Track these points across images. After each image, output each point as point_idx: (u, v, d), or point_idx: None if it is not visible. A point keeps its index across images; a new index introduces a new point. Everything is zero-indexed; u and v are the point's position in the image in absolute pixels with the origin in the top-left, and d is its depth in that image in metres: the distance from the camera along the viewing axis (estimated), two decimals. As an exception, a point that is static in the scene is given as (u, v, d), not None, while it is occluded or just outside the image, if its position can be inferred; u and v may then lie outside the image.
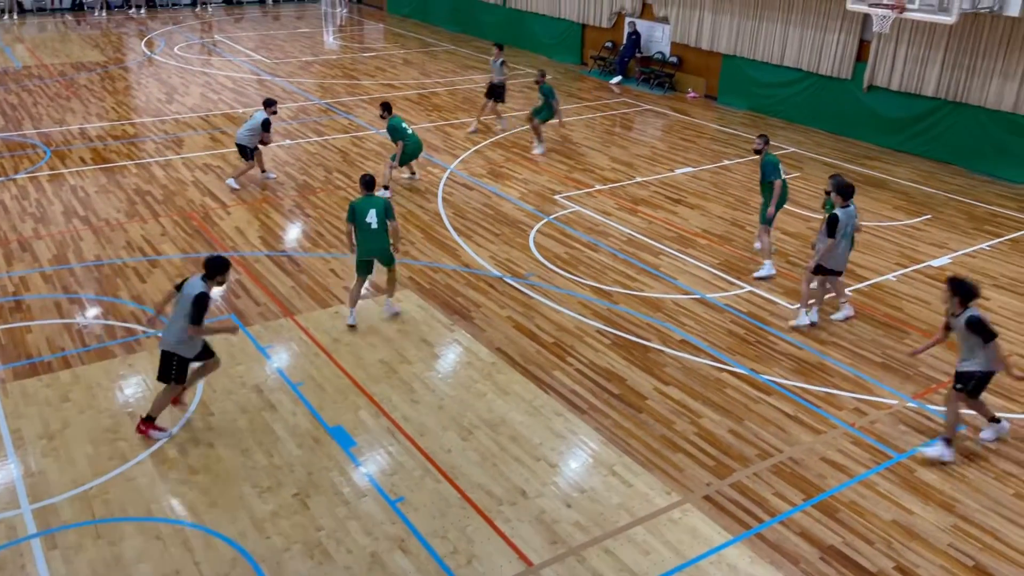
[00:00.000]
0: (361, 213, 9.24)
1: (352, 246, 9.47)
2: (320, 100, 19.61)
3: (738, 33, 19.35)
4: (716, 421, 8.04)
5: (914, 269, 11.43)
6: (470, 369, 8.82)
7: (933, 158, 16.22)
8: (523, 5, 25.79)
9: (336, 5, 34.80)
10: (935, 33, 15.63)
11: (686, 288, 10.70)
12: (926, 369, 9.00)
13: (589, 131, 17.74)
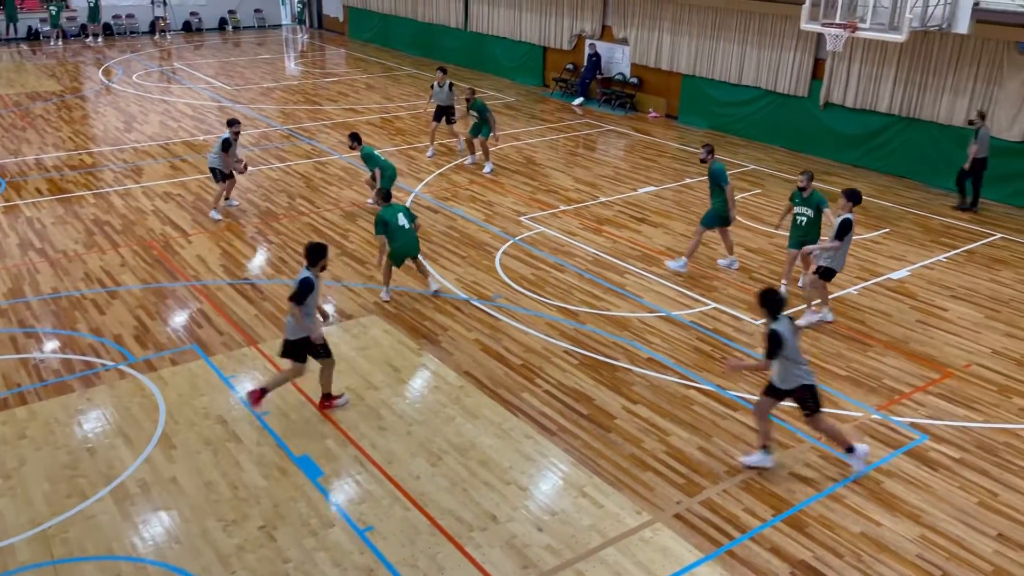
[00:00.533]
0: (392, 219, 10.24)
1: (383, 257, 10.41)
2: (282, 126, 19.52)
3: (696, 53, 19.65)
4: (684, 438, 8.05)
5: (875, 282, 11.61)
6: (438, 393, 8.75)
7: (889, 173, 16.55)
8: (484, 28, 25.97)
9: (297, 31, 34.78)
10: (887, 51, 16.01)
11: (652, 306, 10.75)
12: (890, 381, 9.12)
13: (552, 152, 17.85)
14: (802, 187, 10.53)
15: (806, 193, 10.53)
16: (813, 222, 10.49)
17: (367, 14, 31.67)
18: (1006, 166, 14.90)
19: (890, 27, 12.96)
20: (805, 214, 10.53)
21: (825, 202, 10.54)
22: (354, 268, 11.73)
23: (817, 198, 10.49)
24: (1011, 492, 7.35)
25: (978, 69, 14.89)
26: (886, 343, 9.94)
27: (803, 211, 10.55)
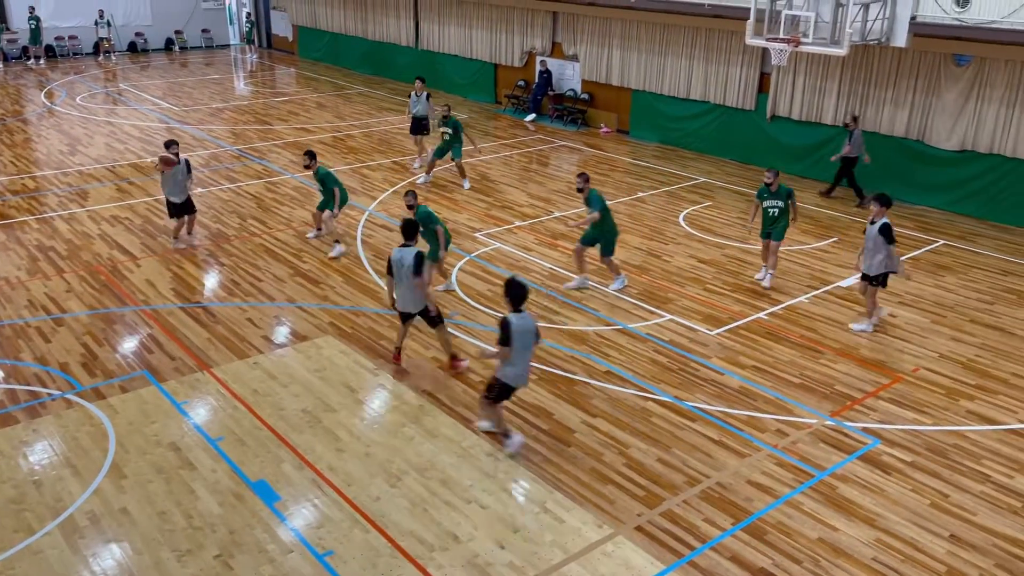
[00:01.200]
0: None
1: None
2: (232, 147, 19.28)
3: (646, 69, 19.93)
4: (644, 450, 8.09)
5: (825, 290, 11.83)
6: (396, 413, 8.67)
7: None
8: (435, 46, 26.03)
9: (246, 51, 34.46)
10: (830, 65, 16.42)
11: (608, 319, 10.81)
12: (842, 387, 9.29)
13: (506, 168, 17.91)
14: (769, 182, 11.47)
15: (774, 187, 11.45)
16: (784, 211, 11.48)
17: (317, 33, 31.53)
18: (946, 175, 15.36)
19: (831, 41, 13.30)
20: (776, 206, 11.48)
21: (792, 191, 11.60)
22: (308, 289, 11.60)
23: (785, 189, 11.54)
24: (961, 493, 7.52)
25: (917, 81, 15.35)
26: (838, 350, 10.13)
27: (773, 203, 11.49)
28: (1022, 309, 11.33)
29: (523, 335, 7.51)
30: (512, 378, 7.71)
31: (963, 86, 14.74)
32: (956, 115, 14.93)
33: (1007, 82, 14.18)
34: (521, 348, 7.53)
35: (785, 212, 11.49)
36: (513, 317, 7.48)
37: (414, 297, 9.01)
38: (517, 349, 7.51)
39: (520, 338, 7.48)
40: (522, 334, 7.49)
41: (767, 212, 11.56)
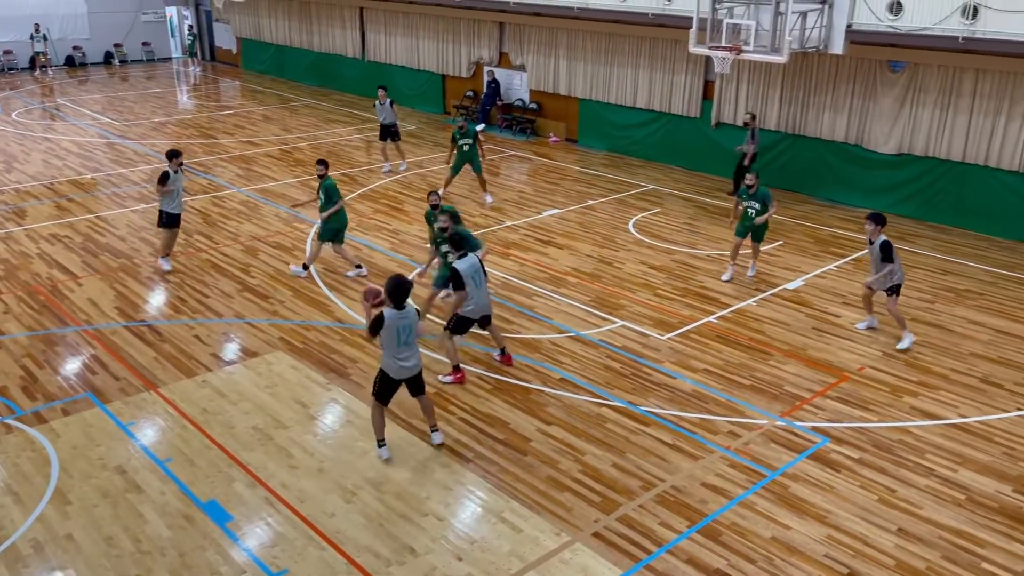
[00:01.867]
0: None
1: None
2: (176, 161, 18.91)
3: (592, 78, 20.12)
4: (599, 456, 8.13)
5: (771, 293, 12.05)
6: (350, 428, 8.58)
7: (780, 187, 17.24)
8: (382, 58, 25.94)
9: (189, 63, 33.90)
10: (771, 72, 16.78)
11: (561, 327, 10.86)
12: (791, 388, 9.46)
13: (457, 178, 17.86)
14: (749, 184, 12.00)
15: (753, 189, 11.95)
16: (760, 213, 11.94)
17: (261, 45, 31.19)
18: (884, 178, 15.79)
19: (772, 49, 13.60)
20: (752, 207, 11.97)
21: (770, 196, 12.05)
22: (257, 304, 11.43)
23: (763, 192, 11.97)
24: (907, 487, 7.71)
25: (854, 87, 15.77)
26: (786, 351, 10.31)
27: (751, 204, 11.98)
28: (960, 307, 11.68)
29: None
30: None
31: (898, 91, 15.18)
32: (893, 119, 15.37)
33: (940, 87, 14.64)
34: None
35: (761, 214, 11.97)
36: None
37: (488, 299, 9.52)
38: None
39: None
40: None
41: (746, 212, 12.11)
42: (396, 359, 7.70)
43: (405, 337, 7.64)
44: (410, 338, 7.70)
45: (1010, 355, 10.26)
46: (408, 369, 7.80)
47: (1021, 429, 8.65)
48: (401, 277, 7.67)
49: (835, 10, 13.73)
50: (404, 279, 7.67)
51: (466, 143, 15.55)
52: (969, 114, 14.42)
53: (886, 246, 10.11)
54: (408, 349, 7.74)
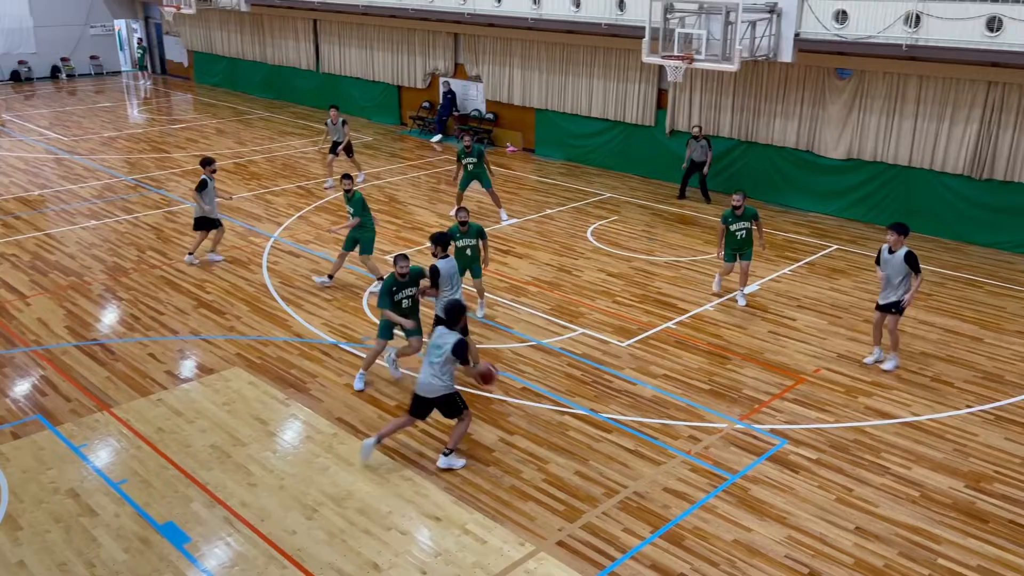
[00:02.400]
0: None
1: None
2: (127, 176, 18.60)
3: (548, 88, 20.24)
4: (562, 465, 8.14)
5: (728, 297, 12.20)
6: (310, 443, 8.48)
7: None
8: (337, 69, 25.80)
9: (139, 77, 33.35)
10: (723, 80, 17.05)
11: (522, 336, 10.87)
12: (749, 391, 9.58)
13: (415, 189, 17.86)
14: (736, 205, 11.49)
15: (740, 211, 11.46)
16: (750, 232, 11.61)
17: (213, 58, 30.82)
18: (836, 183, 16.11)
19: (723, 58, 13.83)
20: (743, 228, 11.54)
21: (757, 213, 11.66)
22: (213, 320, 11.26)
23: (751, 212, 11.57)
24: (864, 486, 7.85)
25: (804, 94, 16.09)
26: (743, 355, 10.45)
27: (741, 226, 11.53)
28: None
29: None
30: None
31: (846, 98, 15.53)
32: (841, 125, 15.71)
33: (886, 93, 15.01)
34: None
35: (751, 233, 11.60)
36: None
37: None
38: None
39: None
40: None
41: (735, 235, 11.50)
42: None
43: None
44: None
45: (959, 354, 10.52)
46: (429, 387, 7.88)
47: (971, 426, 8.87)
48: (458, 303, 8.12)
49: (783, 19, 14.02)
50: (460, 304, 8.09)
51: (470, 162, 15.13)
52: (914, 119, 14.80)
53: (911, 256, 9.55)
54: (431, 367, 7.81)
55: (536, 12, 18.10)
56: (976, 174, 14.34)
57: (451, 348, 7.66)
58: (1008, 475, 8.01)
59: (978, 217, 14.54)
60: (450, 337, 7.75)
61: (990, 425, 8.88)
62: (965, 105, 14.15)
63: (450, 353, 7.66)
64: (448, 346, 7.68)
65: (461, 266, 10.25)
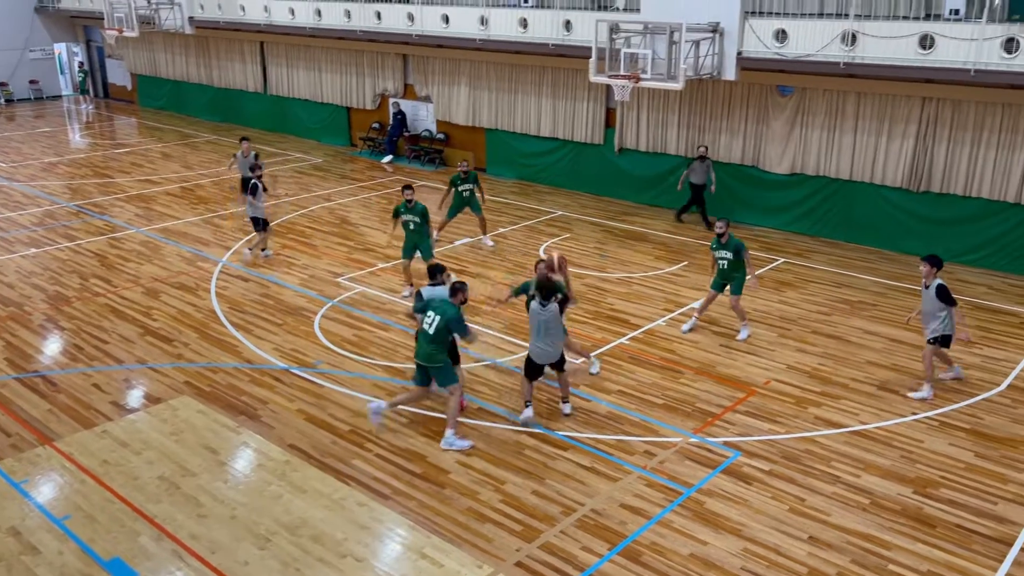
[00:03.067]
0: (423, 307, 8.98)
1: None
2: (69, 203, 18.16)
3: (497, 108, 20.35)
4: (519, 484, 8.11)
5: (680, 312, 12.34)
6: (262, 471, 8.32)
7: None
8: (285, 91, 25.61)
9: (81, 101, 32.67)
10: (669, 99, 17.33)
11: (476, 356, 10.84)
12: (702, 405, 9.68)
13: (366, 211, 17.76)
14: (720, 233, 11.17)
15: (724, 239, 11.15)
16: (733, 264, 11.17)
17: (158, 81, 30.36)
18: (781, 198, 16.46)
19: (669, 77, 14.05)
20: (725, 257, 11.19)
21: (743, 245, 11.20)
22: (160, 348, 11.02)
23: (735, 242, 11.16)
24: (815, 495, 7.97)
25: (747, 111, 16.43)
26: (696, 369, 10.56)
27: (723, 255, 11.21)
28: (855, 318, 12.22)
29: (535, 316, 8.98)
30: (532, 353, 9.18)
31: (788, 114, 15.90)
32: (785, 141, 16.07)
33: (826, 109, 15.41)
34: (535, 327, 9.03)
35: (736, 265, 11.16)
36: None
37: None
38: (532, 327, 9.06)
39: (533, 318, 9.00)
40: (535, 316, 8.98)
41: (719, 264, 11.32)
42: (536, 344, 8.94)
43: (545, 329, 8.86)
44: (552, 330, 8.89)
45: (903, 362, 10.77)
46: (548, 355, 8.99)
47: (916, 432, 9.08)
48: (548, 279, 8.93)
49: (726, 39, 14.32)
50: (551, 280, 8.93)
51: (467, 189, 14.90)
52: (854, 134, 15.21)
53: (942, 290, 9.47)
54: (548, 338, 8.88)
55: (484, 33, 18.21)
56: (914, 187, 14.78)
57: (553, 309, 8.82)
58: (953, 480, 8.21)
59: (917, 229, 14.97)
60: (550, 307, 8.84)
61: (934, 431, 9.10)
62: (902, 120, 14.60)
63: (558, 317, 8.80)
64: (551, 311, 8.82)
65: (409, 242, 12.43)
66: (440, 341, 8.53)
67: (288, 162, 22.41)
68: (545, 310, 8.88)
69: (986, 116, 13.77)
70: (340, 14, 21.10)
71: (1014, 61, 11.99)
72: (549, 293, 8.91)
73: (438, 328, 8.46)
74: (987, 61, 12.20)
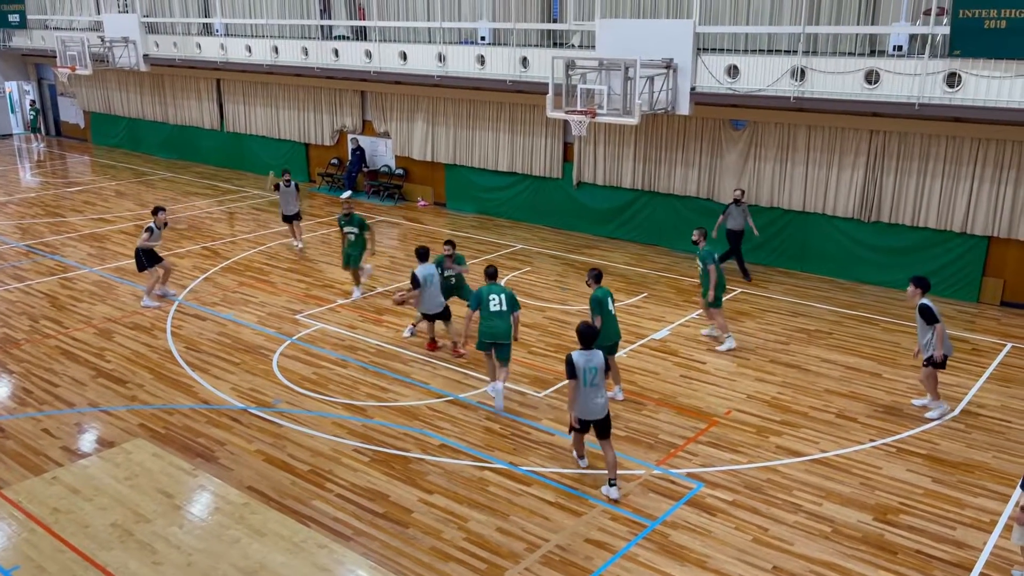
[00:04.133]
0: (485, 298, 10.26)
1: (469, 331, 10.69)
2: (19, 243, 17.77)
3: (456, 143, 20.47)
4: (483, 522, 8.02)
5: (640, 344, 12.41)
6: (219, 515, 8.11)
7: (641, 242, 17.97)
8: (242, 128, 25.49)
9: (32, 140, 32.12)
10: (625, 133, 17.59)
11: (438, 391, 10.76)
12: (665, 436, 9.70)
13: (325, 247, 17.64)
14: (694, 241, 12.11)
15: (701, 246, 12.06)
16: (702, 273, 11.97)
17: (111, 119, 30.02)
18: (737, 228, 16.72)
19: (624, 112, 14.26)
20: (699, 266, 11.98)
21: (710, 257, 11.84)
22: (113, 390, 10.75)
23: (703, 253, 11.93)
24: (778, 525, 8.00)
25: (702, 145, 16.74)
26: (657, 400, 10.60)
27: (698, 264, 12.02)
28: (812, 346, 12.40)
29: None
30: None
31: (742, 147, 16.23)
32: (739, 174, 16.38)
33: (778, 142, 15.77)
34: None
35: (704, 276, 11.82)
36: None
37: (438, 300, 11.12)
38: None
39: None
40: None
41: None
42: (586, 399, 8.22)
43: (591, 378, 8.14)
44: (596, 379, 8.18)
45: (860, 389, 10.94)
46: (598, 408, 8.26)
47: (875, 459, 9.20)
48: (587, 324, 8.31)
49: (679, 74, 14.61)
50: (591, 326, 8.32)
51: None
52: (805, 166, 15.56)
53: (924, 309, 9.75)
54: (595, 390, 8.20)
55: (442, 69, 18.36)
56: (865, 217, 15.14)
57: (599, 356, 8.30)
58: (912, 506, 8.31)
59: (869, 258, 15.30)
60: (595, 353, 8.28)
61: (892, 458, 9.23)
62: (851, 152, 14.99)
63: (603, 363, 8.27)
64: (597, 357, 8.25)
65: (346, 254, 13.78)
66: (508, 318, 10.18)
67: (246, 199, 22.24)
68: None
69: (931, 148, 14.21)
70: (297, 51, 21.13)
71: (956, 95, 12.42)
72: None
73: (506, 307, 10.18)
74: (930, 95, 12.62)
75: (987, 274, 14.29)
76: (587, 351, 8.20)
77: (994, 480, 8.76)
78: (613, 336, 10.13)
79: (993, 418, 10.15)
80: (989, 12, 11.83)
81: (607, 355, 9.33)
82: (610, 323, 10.02)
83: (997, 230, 13.89)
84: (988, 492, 8.54)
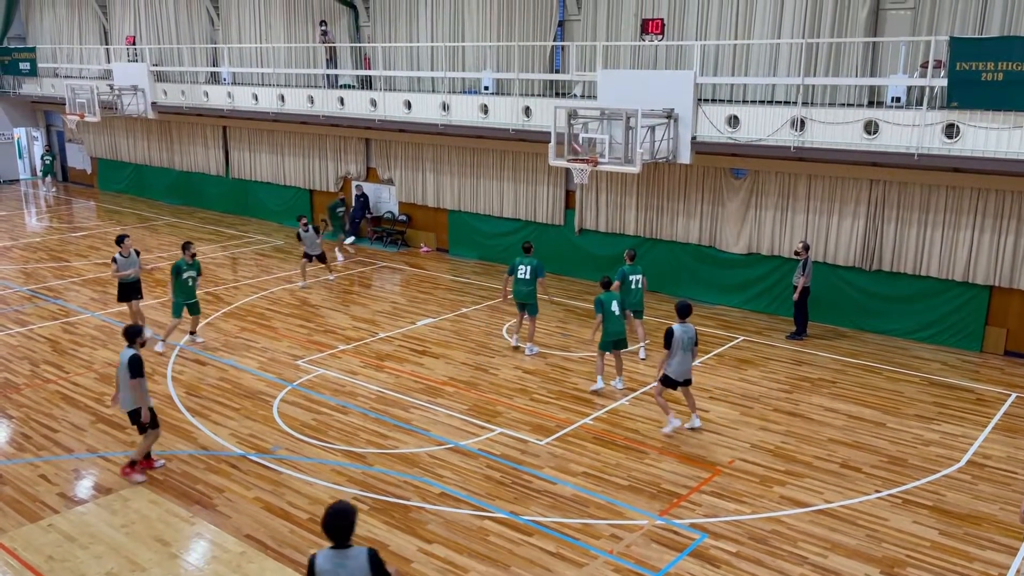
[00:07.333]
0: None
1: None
2: (22, 287, 17.83)
3: (460, 190, 20.65)
4: (483, 573, 7.90)
5: (642, 391, 12.35)
6: (216, 564, 8.00)
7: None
8: (247, 175, 25.74)
9: (39, 185, 32.44)
10: (627, 181, 17.74)
11: (439, 439, 10.68)
12: (668, 485, 9.60)
13: (327, 292, 17.68)
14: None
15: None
16: None
17: (118, 165, 30.36)
18: (737, 276, 16.76)
19: (626, 160, 14.41)
20: None
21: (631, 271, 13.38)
22: (112, 435, 10.69)
23: None
24: (784, 577, 7.88)
25: (703, 193, 16.86)
26: (660, 448, 10.51)
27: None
28: (815, 395, 12.34)
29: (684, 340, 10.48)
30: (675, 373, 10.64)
31: (743, 196, 16.35)
32: (740, 222, 16.47)
33: (779, 191, 15.89)
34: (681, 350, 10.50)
35: None
36: (677, 326, 10.45)
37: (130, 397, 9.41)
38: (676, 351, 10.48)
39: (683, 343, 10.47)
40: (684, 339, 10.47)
41: None
42: (682, 362, 10.53)
43: (688, 345, 10.45)
44: (691, 347, 10.57)
45: (864, 439, 10.85)
46: (688, 370, 10.64)
47: (880, 511, 9.08)
48: (684, 301, 10.64)
49: (680, 124, 14.80)
50: (686, 302, 10.63)
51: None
52: (806, 214, 15.66)
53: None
54: (689, 356, 10.59)
55: (446, 118, 18.60)
56: (866, 266, 15.17)
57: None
58: (919, 559, 8.18)
59: (871, 306, 15.30)
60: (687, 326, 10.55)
61: (898, 509, 9.11)
62: (851, 201, 15.09)
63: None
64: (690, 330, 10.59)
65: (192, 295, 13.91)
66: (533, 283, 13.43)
67: (250, 244, 22.36)
68: None
69: (931, 197, 14.30)
70: (303, 100, 21.45)
71: (954, 145, 12.55)
72: None
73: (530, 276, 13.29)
74: (929, 145, 12.75)
75: (990, 323, 14.27)
76: (684, 324, 10.41)
77: (1001, 532, 8.63)
78: (617, 333, 12.02)
79: (999, 469, 10.05)
80: (986, 65, 12.02)
81: (614, 350, 12.09)
82: (613, 322, 11.93)
83: (999, 279, 13.91)
84: (996, 545, 8.41)
